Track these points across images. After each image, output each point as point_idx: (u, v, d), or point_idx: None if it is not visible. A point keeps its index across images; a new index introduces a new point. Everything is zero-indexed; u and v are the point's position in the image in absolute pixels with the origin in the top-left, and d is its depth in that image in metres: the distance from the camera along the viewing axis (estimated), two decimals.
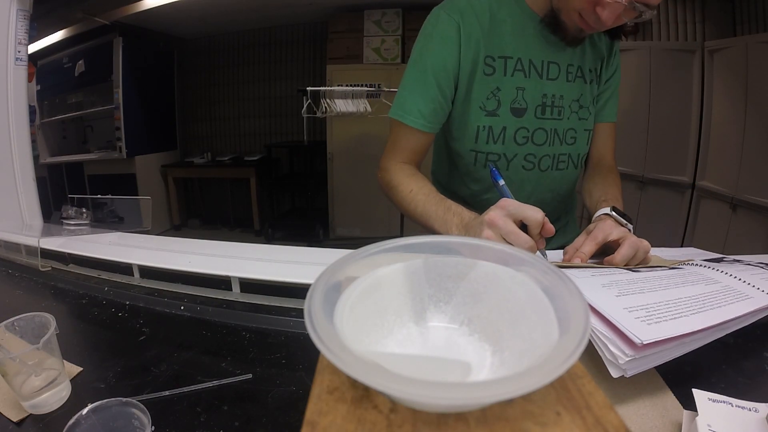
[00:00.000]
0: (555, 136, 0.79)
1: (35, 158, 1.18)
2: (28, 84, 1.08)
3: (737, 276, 0.52)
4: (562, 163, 0.82)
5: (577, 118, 0.80)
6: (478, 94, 0.76)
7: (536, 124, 0.77)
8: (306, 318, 0.24)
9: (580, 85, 0.80)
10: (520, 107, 0.76)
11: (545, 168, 0.81)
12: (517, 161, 0.79)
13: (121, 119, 3.47)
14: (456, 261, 0.32)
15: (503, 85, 0.75)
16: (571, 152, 0.82)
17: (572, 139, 0.81)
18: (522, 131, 0.77)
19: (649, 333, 0.38)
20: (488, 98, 0.75)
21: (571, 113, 0.79)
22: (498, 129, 0.76)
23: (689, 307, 0.43)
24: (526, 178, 0.81)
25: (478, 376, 0.27)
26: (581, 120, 0.81)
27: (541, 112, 0.77)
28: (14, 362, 0.39)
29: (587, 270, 0.55)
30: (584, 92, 0.80)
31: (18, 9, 1.02)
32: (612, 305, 0.42)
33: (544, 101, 0.77)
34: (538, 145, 0.79)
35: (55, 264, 0.81)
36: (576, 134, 0.81)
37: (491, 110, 0.76)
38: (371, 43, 3.23)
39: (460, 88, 0.76)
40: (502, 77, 0.75)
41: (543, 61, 0.75)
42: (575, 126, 0.81)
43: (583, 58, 0.79)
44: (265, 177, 3.86)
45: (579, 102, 0.80)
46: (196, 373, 0.50)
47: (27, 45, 1.06)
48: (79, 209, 1.04)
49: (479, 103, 0.76)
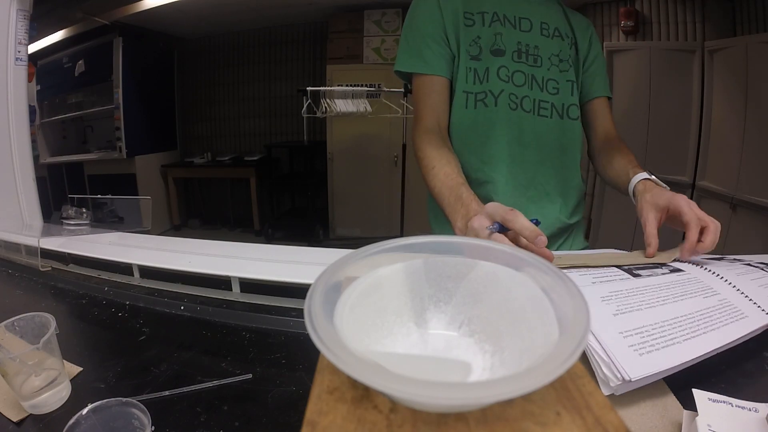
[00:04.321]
0: (533, 81, 0.85)
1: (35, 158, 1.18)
2: (28, 84, 1.08)
3: (736, 285, 0.53)
4: (544, 110, 0.86)
5: (558, 71, 0.86)
6: (464, 42, 0.84)
7: (515, 66, 0.84)
8: (306, 318, 0.24)
9: (559, 42, 0.87)
10: (498, 48, 0.84)
11: (528, 109, 0.85)
12: (504, 98, 0.84)
13: (121, 119, 3.47)
14: (456, 261, 0.32)
15: (483, 33, 0.84)
16: (555, 102, 0.86)
17: (555, 89, 0.86)
18: (503, 69, 0.83)
19: (640, 368, 0.39)
20: (471, 45, 0.84)
21: (552, 65, 0.86)
22: (482, 70, 0.84)
23: (683, 331, 0.44)
24: (512, 119, 0.84)
25: (479, 376, 0.27)
26: (563, 72, 0.87)
27: (518, 57, 0.84)
28: (14, 362, 0.39)
29: (588, 276, 0.55)
30: (563, 49, 0.87)
31: (18, 9, 1.02)
32: (608, 329, 0.43)
33: (519, 48, 0.84)
34: (517, 86, 0.84)
35: (55, 264, 0.80)
36: (558, 85, 0.86)
37: (475, 55, 0.84)
38: (371, 43, 3.23)
39: (451, 38, 0.85)
40: (481, 27, 0.84)
41: (515, 16, 0.86)
42: (557, 77, 0.86)
43: (560, 21, 0.88)
44: (265, 177, 3.86)
45: (559, 57, 0.87)
46: (196, 373, 0.50)
47: (27, 45, 1.06)
48: (79, 209, 1.04)
49: (465, 48, 0.84)
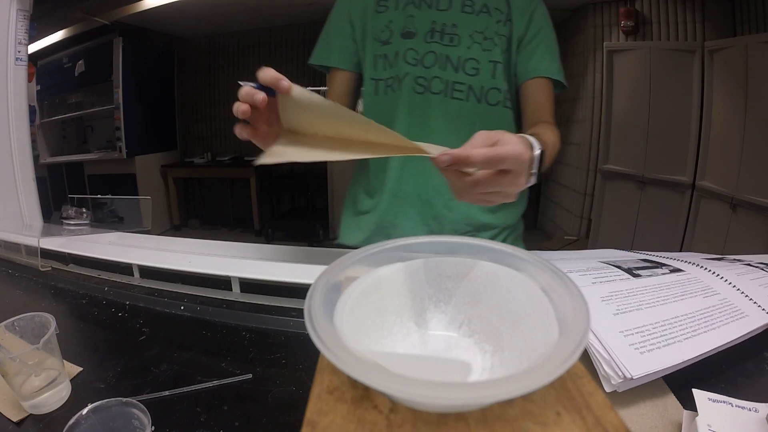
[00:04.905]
0: (447, 61, 0.80)
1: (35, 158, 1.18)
2: (28, 84, 1.08)
3: (736, 285, 0.53)
4: (459, 92, 0.81)
5: (481, 49, 0.80)
6: (373, 30, 0.84)
7: (426, 48, 0.81)
8: (306, 318, 0.24)
9: (485, 19, 0.82)
10: (409, 31, 0.81)
11: (437, 91, 0.81)
12: (408, 82, 0.81)
13: (121, 119, 3.47)
14: (456, 261, 0.32)
15: (395, 17, 0.82)
16: (473, 83, 0.81)
17: (474, 69, 0.81)
18: (411, 52, 0.81)
19: (641, 366, 0.39)
20: (382, 31, 0.83)
21: (473, 43, 0.80)
22: (392, 55, 0.82)
23: (683, 330, 0.44)
24: (417, 103, 0.82)
25: (479, 376, 0.27)
26: (486, 51, 0.81)
27: (430, 37, 0.81)
28: (14, 362, 0.39)
29: (588, 276, 0.55)
30: (490, 26, 0.82)
31: (18, 9, 1.02)
32: (609, 329, 0.43)
33: (433, 27, 0.81)
34: (427, 68, 0.81)
35: (55, 264, 0.80)
36: (479, 65, 0.80)
37: (385, 40, 0.82)
38: None
39: (356, 28, 0.85)
40: (394, 12, 0.83)
41: None
42: (478, 57, 0.80)
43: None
44: (265, 177, 3.86)
45: (483, 34, 0.81)
46: (196, 373, 0.50)
47: (27, 45, 1.06)
48: (79, 209, 1.04)
49: (374, 36, 0.83)
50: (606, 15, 2.86)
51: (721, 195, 2.17)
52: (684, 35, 2.50)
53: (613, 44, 2.75)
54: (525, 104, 0.84)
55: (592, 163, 3.01)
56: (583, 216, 3.15)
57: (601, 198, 2.91)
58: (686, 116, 2.36)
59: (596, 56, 2.90)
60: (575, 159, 3.16)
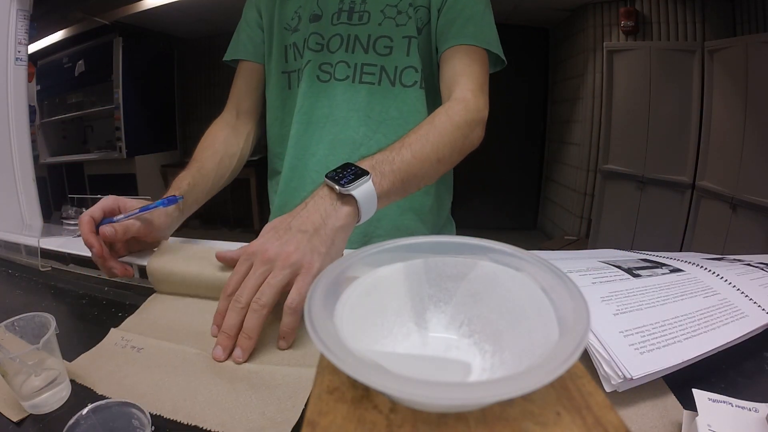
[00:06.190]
0: (356, 42, 0.73)
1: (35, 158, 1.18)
2: (28, 84, 1.09)
3: (736, 285, 0.53)
4: (369, 75, 0.73)
5: (394, 24, 0.72)
6: (282, 19, 0.79)
7: (332, 31, 0.74)
8: (306, 318, 0.24)
9: None
10: (315, 14, 0.76)
11: (342, 77, 0.74)
12: (311, 69, 0.74)
13: (121, 119, 3.47)
14: (456, 261, 0.32)
15: (304, 2, 0.77)
16: (385, 64, 0.73)
17: (386, 48, 0.72)
18: (315, 37, 0.74)
19: (641, 366, 0.39)
20: (292, 18, 0.78)
21: (385, 18, 0.72)
22: (301, 43, 0.77)
23: (683, 330, 0.44)
24: (322, 91, 0.75)
25: (479, 376, 0.27)
26: (400, 26, 0.72)
27: (337, 18, 0.74)
28: (14, 362, 0.39)
29: (588, 276, 0.55)
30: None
31: (18, 9, 1.03)
32: (609, 329, 0.43)
33: (341, 7, 0.74)
34: (332, 52, 0.74)
35: (55, 264, 0.80)
36: (392, 43, 0.72)
37: (294, 26, 0.77)
38: None
39: (264, 18, 0.80)
40: None
41: None
42: (391, 34, 0.72)
43: None
44: (265, 177, 3.84)
45: (397, 8, 0.72)
46: None
47: (27, 45, 1.06)
48: (79, 209, 1.04)
49: (283, 24, 0.78)
50: (606, 15, 2.86)
51: (721, 195, 2.17)
52: (684, 35, 2.50)
53: (613, 44, 2.75)
54: (441, 77, 0.73)
55: (592, 163, 3.01)
56: (583, 216, 3.15)
57: (601, 198, 2.92)
58: (686, 116, 2.36)
59: (596, 56, 2.90)
60: (575, 159, 3.17)
